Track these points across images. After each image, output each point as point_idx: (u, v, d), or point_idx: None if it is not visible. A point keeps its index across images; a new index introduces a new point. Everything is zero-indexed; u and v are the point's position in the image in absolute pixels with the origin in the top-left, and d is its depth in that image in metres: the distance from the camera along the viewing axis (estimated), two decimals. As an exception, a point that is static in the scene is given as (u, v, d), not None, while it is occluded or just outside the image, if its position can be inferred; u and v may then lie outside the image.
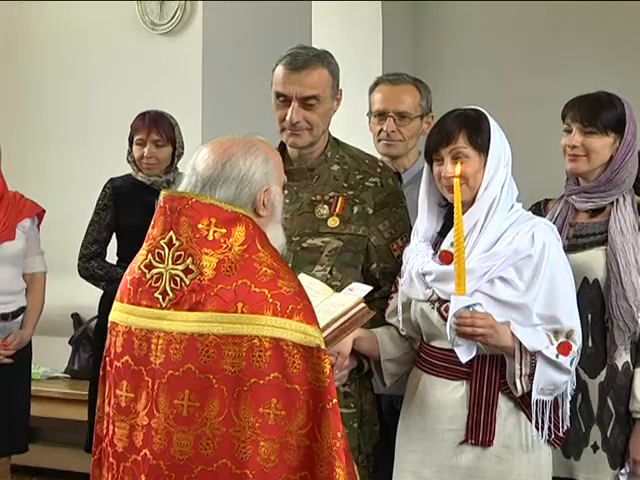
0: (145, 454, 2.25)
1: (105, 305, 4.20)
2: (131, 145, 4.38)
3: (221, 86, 5.44)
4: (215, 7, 5.44)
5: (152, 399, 2.25)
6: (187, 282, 2.26)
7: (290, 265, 3.01)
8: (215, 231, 2.28)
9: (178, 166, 4.39)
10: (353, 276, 3.06)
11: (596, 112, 3.02)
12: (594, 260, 2.99)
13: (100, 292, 4.48)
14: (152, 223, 2.36)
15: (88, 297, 5.18)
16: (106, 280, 4.33)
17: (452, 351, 2.73)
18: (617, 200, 3.03)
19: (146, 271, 2.32)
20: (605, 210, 3.05)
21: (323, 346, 2.28)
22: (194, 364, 2.23)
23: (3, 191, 4.24)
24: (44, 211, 4.37)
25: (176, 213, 2.30)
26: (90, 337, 5.47)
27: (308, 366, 2.24)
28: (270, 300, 2.24)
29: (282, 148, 3.13)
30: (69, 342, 5.50)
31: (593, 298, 2.98)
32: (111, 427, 2.35)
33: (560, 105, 3.14)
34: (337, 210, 3.06)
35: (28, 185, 4.49)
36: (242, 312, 2.23)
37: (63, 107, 5.75)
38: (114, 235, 4.45)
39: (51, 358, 5.38)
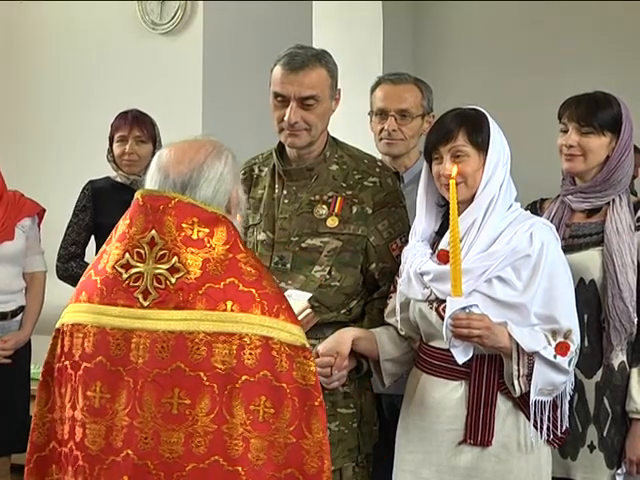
0: (127, 454, 2.24)
1: None
2: (111, 145, 4.38)
3: (221, 86, 5.43)
4: (215, 7, 5.43)
5: (135, 398, 2.24)
6: (173, 281, 2.26)
7: (289, 265, 3.02)
8: (199, 230, 2.29)
9: None
10: (352, 276, 3.06)
11: (593, 112, 3.02)
12: (590, 260, 2.99)
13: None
14: (128, 222, 2.34)
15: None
16: None
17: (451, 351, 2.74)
18: (613, 200, 3.03)
19: (122, 271, 2.30)
20: (601, 210, 3.05)
21: (308, 345, 2.31)
22: (184, 362, 2.22)
23: (2, 190, 4.21)
24: (44, 210, 4.35)
25: (159, 212, 2.30)
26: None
27: (294, 365, 2.26)
28: (258, 299, 2.26)
29: (281, 148, 3.13)
30: (68, 342, 5.48)
31: (589, 298, 2.98)
32: (80, 430, 2.30)
33: (560, 105, 3.14)
34: (336, 210, 3.06)
35: (27, 185, 4.48)
36: (232, 310, 2.24)
37: (63, 107, 5.74)
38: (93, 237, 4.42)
39: (50, 357, 5.36)
